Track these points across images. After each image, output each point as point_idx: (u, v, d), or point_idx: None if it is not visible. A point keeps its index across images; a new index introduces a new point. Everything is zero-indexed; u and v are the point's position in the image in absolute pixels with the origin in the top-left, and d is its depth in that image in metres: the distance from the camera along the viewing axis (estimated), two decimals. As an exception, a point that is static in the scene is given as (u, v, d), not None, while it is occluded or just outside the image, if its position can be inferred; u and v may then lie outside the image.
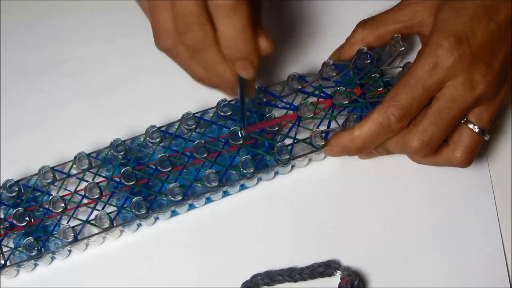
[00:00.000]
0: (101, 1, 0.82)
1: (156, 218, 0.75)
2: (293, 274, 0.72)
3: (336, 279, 0.73)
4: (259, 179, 0.77)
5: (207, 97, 0.77)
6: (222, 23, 0.61)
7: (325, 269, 0.73)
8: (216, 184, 0.72)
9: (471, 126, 0.71)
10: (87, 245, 0.75)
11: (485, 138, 0.72)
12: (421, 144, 0.70)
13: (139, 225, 0.75)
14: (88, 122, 0.78)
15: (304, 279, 0.73)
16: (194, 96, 0.78)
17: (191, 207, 0.76)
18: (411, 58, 0.77)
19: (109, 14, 0.82)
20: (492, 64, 0.69)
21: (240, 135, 0.73)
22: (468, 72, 0.69)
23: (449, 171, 0.76)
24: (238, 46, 0.62)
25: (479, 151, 0.73)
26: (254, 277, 0.73)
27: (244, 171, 0.73)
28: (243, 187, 0.76)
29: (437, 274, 0.74)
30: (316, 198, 0.77)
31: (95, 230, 0.72)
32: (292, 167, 0.77)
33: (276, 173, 0.77)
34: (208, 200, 0.76)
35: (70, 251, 0.74)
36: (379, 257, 0.75)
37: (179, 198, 0.72)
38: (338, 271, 0.73)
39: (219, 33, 0.62)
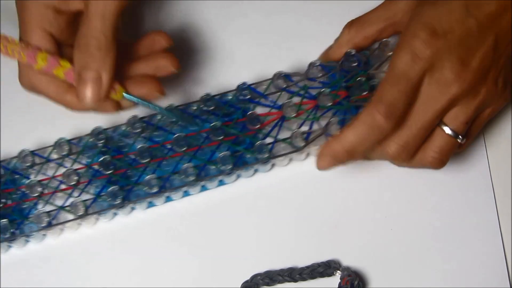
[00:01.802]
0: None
1: (133, 208, 0.75)
2: (293, 274, 0.72)
3: (336, 279, 0.73)
4: (238, 176, 0.76)
5: (211, 82, 0.79)
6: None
7: (325, 269, 0.72)
8: (194, 178, 0.72)
9: (443, 127, 0.69)
10: (62, 230, 0.75)
11: (459, 141, 0.70)
12: (398, 149, 0.69)
13: (115, 214, 0.75)
14: (89, 121, 0.76)
15: (304, 279, 0.73)
16: (194, 93, 0.78)
17: (169, 199, 0.76)
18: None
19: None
20: (469, 62, 0.68)
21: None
22: (443, 69, 0.67)
23: (449, 171, 0.76)
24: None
25: (476, 151, 0.74)
26: (254, 277, 0.73)
27: (222, 167, 0.73)
28: (221, 183, 0.76)
29: (437, 274, 0.74)
30: (316, 198, 0.76)
31: (70, 216, 0.72)
32: (273, 165, 0.77)
33: (256, 170, 0.76)
34: (186, 194, 0.76)
35: (44, 235, 0.75)
36: (379, 257, 0.75)
37: (156, 190, 0.72)
38: (338, 271, 0.73)
39: None
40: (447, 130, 0.69)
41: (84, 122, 0.76)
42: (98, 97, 0.68)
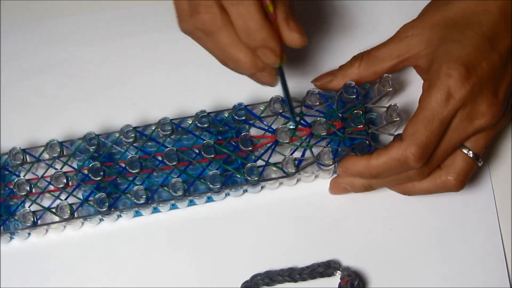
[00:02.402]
0: (100, 1, 0.83)
1: (120, 216, 0.76)
2: (293, 274, 0.73)
3: (336, 279, 0.73)
4: (227, 194, 0.77)
5: (209, 98, 0.78)
6: (230, 11, 0.62)
7: (325, 269, 0.73)
8: (181, 193, 0.72)
9: (465, 151, 0.72)
10: (47, 230, 0.75)
11: (479, 163, 0.72)
12: (421, 168, 0.71)
13: (101, 220, 0.76)
14: (88, 123, 0.78)
15: (304, 279, 0.73)
16: (194, 97, 0.79)
17: (156, 210, 0.76)
18: (399, 99, 0.76)
19: (109, 14, 0.82)
20: (497, 94, 0.70)
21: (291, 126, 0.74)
22: (475, 103, 0.69)
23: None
24: (250, 35, 0.62)
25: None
26: (254, 277, 0.73)
27: (211, 185, 0.73)
28: (210, 199, 0.76)
29: (437, 274, 0.75)
30: (316, 198, 0.77)
31: (56, 218, 0.73)
32: (262, 187, 0.77)
33: (245, 191, 0.77)
34: (173, 206, 0.76)
35: (29, 234, 0.75)
36: (379, 257, 0.75)
37: (142, 201, 0.72)
38: (338, 271, 0.73)
39: (232, 20, 0.62)
40: (470, 153, 0.72)
41: (78, 126, 0.77)
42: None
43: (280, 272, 0.73)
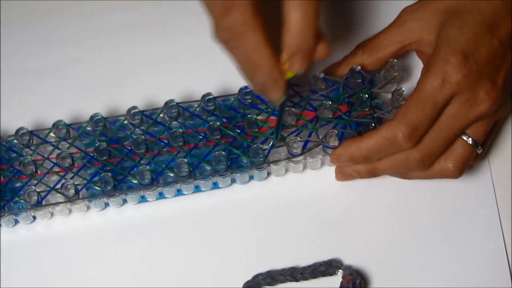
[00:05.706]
0: (101, 2, 0.84)
1: (125, 201, 0.75)
2: (294, 273, 0.72)
3: (337, 278, 0.73)
4: (233, 181, 0.76)
5: (215, 87, 0.79)
6: (292, 12, 0.61)
7: (326, 268, 0.73)
8: (186, 173, 0.72)
9: (465, 137, 0.72)
10: (52, 214, 0.75)
11: (478, 151, 0.72)
12: (423, 158, 0.70)
13: (106, 204, 0.75)
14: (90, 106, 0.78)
15: (305, 279, 0.73)
16: (199, 87, 0.79)
17: (161, 196, 0.76)
18: (405, 87, 0.76)
19: (109, 15, 0.83)
20: (496, 81, 0.70)
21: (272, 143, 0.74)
22: (473, 89, 0.69)
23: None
24: (304, 38, 0.62)
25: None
26: (255, 277, 0.73)
27: (216, 166, 0.72)
28: (215, 186, 0.76)
29: (439, 273, 0.74)
30: (318, 197, 0.77)
31: (61, 199, 0.72)
32: (269, 174, 0.77)
33: (251, 177, 0.76)
34: (179, 193, 0.76)
35: (34, 217, 0.75)
36: (381, 256, 0.75)
37: (147, 181, 0.72)
38: (339, 270, 0.73)
39: (287, 21, 0.62)
40: (469, 140, 0.71)
41: (85, 107, 0.78)
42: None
43: (282, 272, 0.73)
